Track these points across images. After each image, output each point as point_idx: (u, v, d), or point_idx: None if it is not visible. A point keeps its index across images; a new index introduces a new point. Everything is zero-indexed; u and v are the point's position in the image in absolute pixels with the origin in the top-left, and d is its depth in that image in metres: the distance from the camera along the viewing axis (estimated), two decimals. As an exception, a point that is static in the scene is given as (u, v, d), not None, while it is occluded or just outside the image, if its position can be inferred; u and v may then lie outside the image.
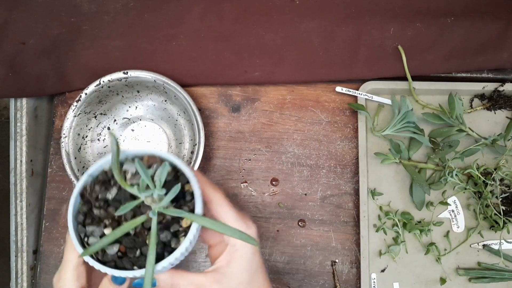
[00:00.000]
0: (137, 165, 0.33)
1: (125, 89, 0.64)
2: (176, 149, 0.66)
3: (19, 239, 0.64)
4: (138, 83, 0.63)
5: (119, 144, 0.34)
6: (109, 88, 0.62)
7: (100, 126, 0.66)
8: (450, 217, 0.63)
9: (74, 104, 0.60)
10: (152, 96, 0.66)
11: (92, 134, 0.65)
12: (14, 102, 0.66)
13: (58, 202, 0.65)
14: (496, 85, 0.64)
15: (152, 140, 0.67)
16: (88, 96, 0.61)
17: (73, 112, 0.60)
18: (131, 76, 0.61)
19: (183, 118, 0.66)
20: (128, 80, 0.62)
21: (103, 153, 0.65)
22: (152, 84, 0.63)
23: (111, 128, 0.66)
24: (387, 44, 0.65)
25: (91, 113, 0.64)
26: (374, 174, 0.64)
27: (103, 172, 0.37)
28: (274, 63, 0.65)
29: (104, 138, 0.65)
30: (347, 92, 0.66)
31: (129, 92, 0.65)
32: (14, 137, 0.65)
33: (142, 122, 0.67)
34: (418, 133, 0.62)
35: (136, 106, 0.67)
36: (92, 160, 0.64)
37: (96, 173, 0.37)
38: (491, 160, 0.64)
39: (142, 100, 0.67)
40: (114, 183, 0.36)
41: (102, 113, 0.65)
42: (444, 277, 0.61)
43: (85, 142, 0.63)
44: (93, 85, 0.61)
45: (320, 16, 0.66)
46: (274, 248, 0.63)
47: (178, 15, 0.67)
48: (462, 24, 0.64)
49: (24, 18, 0.66)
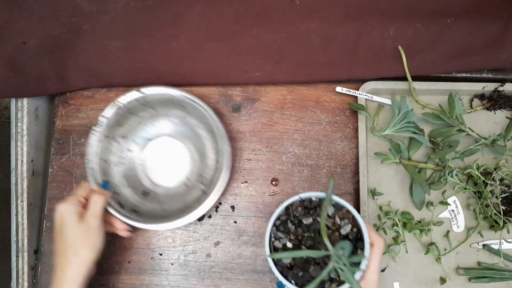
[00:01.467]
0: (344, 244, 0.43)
1: (141, 108, 0.63)
2: (200, 161, 0.65)
3: (20, 239, 0.64)
4: (154, 100, 0.62)
5: (332, 191, 0.44)
6: (127, 110, 0.61)
7: (120, 149, 0.64)
8: (450, 217, 0.63)
9: (96, 129, 0.59)
10: (168, 111, 0.65)
11: (114, 157, 0.63)
12: (15, 102, 0.66)
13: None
14: (496, 85, 0.64)
15: (174, 157, 0.66)
16: (110, 120, 0.60)
17: (96, 138, 0.59)
18: (146, 94, 0.60)
19: (203, 129, 0.64)
20: (145, 99, 0.61)
21: (129, 176, 0.64)
22: (168, 100, 0.62)
23: (131, 150, 0.65)
24: (387, 44, 0.65)
25: (111, 137, 0.62)
26: (374, 174, 0.64)
27: (310, 200, 0.49)
28: (274, 63, 0.66)
29: (128, 161, 0.64)
30: (347, 92, 0.66)
31: (145, 111, 0.64)
32: (15, 137, 0.65)
33: (162, 139, 0.66)
34: (418, 133, 0.62)
35: (153, 124, 0.66)
36: (119, 184, 0.63)
37: (304, 197, 0.48)
38: (491, 160, 0.64)
39: (159, 117, 0.65)
40: (313, 213, 0.47)
41: (122, 135, 0.64)
42: (444, 276, 0.61)
43: (109, 166, 0.62)
44: (112, 109, 0.59)
45: (320, 16, 0.66)
46: (274, 248, 0.63)
47: (178, 15, 0.67)
48: (462, 24, 0.64)
49: (25, 18, 0.66)
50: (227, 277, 0.63)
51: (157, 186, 0.65)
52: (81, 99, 0.68)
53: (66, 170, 0.66)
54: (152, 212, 0.62)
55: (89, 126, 0.67)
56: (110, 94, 0.68)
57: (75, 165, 0.66)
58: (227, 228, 0.64)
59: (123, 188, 0.63)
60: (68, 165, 0.66)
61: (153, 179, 0.66)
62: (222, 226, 0.64)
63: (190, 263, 0.63)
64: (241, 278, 0.63)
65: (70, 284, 0.50)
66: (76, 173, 0.66)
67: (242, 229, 0.64)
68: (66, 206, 0.53)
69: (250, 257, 0.63)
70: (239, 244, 0.64)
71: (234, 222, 0.64)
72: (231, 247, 0.64)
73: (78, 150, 0.67)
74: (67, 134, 0.67)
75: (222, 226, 0.64)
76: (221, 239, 0.64)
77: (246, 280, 0.63)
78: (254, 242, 0.64)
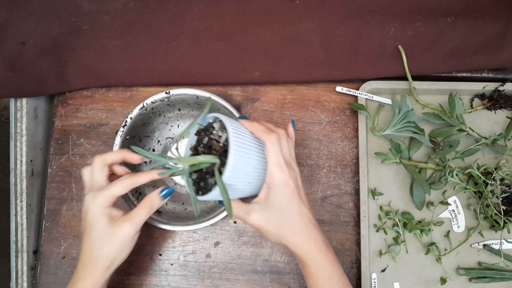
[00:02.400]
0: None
1: (167, 109, 0.63)
2: None
3: (19, 239, 0.64)
4: (179, 101, 0.62)
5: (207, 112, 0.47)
6: (152, 110, 0.61)
7: (145, 149, 0.64)
8: (450, 217, 0.63)
9: (120, 129, 0.59)
10: (193, 113, 0.65)
11: None
12: (14, 102, 0.66)
13: (58, 202, 0.65)
14: (496, 85, 0.64)
15: None
16: (133, 120, 0.60)
17: (120, 137, 0.59)
18: (173, 95, 0.60)
19: None
20: (170, 100, 0.61)
21: None
22: (194, 101, 0.62)
23: (155, 150, 0.65)
24: (387, 44, 0.65)
25: (136, 137, 0.63)
26: (375, 174, 0.64)
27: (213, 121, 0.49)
28: (274, 63, 0.65)
29: (150, 161, 0.64)
30: (347, 92, 0.66)
31: (170, 111, 0.64)
32: (14, 137, 0.65)
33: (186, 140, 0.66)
34: (418, 133, 0.62)
35: (178, 124, 0.66)
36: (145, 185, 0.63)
37: (202, 122, 0.49)
38: (491, 160, 0.64)
39: (184, 118, 0.66)
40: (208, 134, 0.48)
41: (146, 135, 0.65)
42: (444, 277, 0.61)
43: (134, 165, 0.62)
44: (137, 108, 0.60)
45: (320, 15, 0.66)
46: (274, 248, 0.63)
47: (178, 15, 0.67)
48: (462, 23, 0.64)
49: (24, 18, 0.66)
50: (227, 278, 0.63)
51: (180, 186, 0.65)
52: (81, 99, 0.68)
53: (66, 170, 0.66)
54: (176, 213, 0.63)
55: (89, 126, 0.67)
56: (110, 94, 0.68)
57: (75, 165, 0.66)
58: (226, 229, 0.64)
59: (146, 189, 0.63)
60: (68, 165, 0.66)
61: (177, 179, 0.66)
62: (221, 226, 0.64)
63: (189, 264, 0.63)
64: (241, 278, 0.63)
65: None
66: (76, 173, 0.66)
67: (242, 230, 0.64)
68: (99, 203, 0.48)
69: (250, 257, 0.63)
70: (239, 245, 0.64)
71: (234, 222, 0.64)
72: (231, 247, 0.63)
73: (78, 150, 0.66)
74: (67, 134, 0.67)
75: (221, 227, 0.64)
76: (221, 240, 0.64)
77: (246, 280, 0.63)
78: (254, 243, 0.63)
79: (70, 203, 0.65)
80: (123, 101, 0.68)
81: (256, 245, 0.63)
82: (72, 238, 0.64)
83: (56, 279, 0.63)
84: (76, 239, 0.64)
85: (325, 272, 0.48)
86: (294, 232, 0.47)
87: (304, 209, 0.48)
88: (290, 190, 0.47)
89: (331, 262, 0.48)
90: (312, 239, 0.48)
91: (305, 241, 0.47)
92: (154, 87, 0.67)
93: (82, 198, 0.50)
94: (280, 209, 0.47)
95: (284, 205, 0.47)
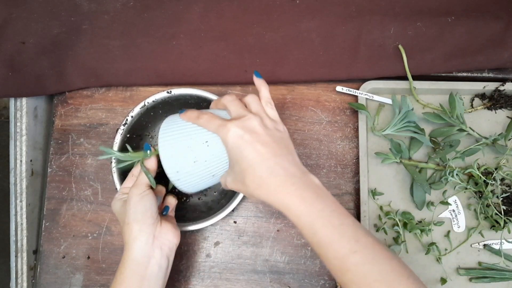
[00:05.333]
0: None
1: (168, 108, 0.63)
2: None
3: (19, 239, 0.64)
4: (181, 101, 0.62)
5: None
6: (153, 109, 0.61)
7: None
8: (450, 216, 0.63)
9: (121, 128, 0.59)
10: None
11: None
12: (14, 101, 0.66)
13: (58, 202, 0.65)
14: (496, 85, 0.64)
15: None
16: (134, 119, 0.60)
17: (120, 136, 0.59)
18: (174, 94, 0.60)
19: None
20: (172, 99, 0.61)
21: None
22: (195, 101, 0.62)
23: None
24: (387, 44, 0.65)
25: (137, 135, 0.63)
26: (375, 174, 0.64)
27: None
28: (274, 63, 0.65)
29: None
30: (348, 91, 0.66)
31: (171, 111, 0.63)
32: (14, 137, 0.65)
33: None
34: (418, 132, 0.62)
35: None
36: None
37: None
38: (491, 159, 0.64)
39: None
40: None
41: (147, 134, 0.64)
42: (444, 277, 0.61)
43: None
44: (138, 107, 0.60)
45: (321, 15, 0.66)
46: (274, 248, 0.63)
47: (178, 15, 0.67)
48: (463, 23, 0.64)
49: (24, 17, 0.66)
50: (227, 278, 0.63)
51: None
52: (80, 98, 0.68)
53: (65, 170, 0.66)
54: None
55: (89, 125, 0.67)
56: (109, 93, 0.68)
57: (74, 165, 0.66)
58: (226, 228, 0.64)
59: None
60: (67, 165, 0.66)
61: None
62: (221, 226, 0.64)
63: (191, 263, 0.63)
64: (241, 278, 0.63)
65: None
66: (75, 173, 0.66)
67: (242, 229, 0.64)
68: (144, 229, 0.49)
69: (250, 257, 0.63)
70: (239, 244, 0.63)
71: (234, 222, 0.64)
72: (231, 247, 0.63)
73: (77, 150, 0.66)
74: (66, 134, 0.67)
75: (221, 226, 0.64)
76: (221, 239, 0.64)
77: (246, 280, 0.62)
78: (254, 242, 0.63)
79: (70, 203, 0.65)
80: (123, 101, 0.68)
81: (256, 245, 0.63)
82: (72, 238, 0.64)
83: (56, 279, 0.63)
84: (76, 239, 0.64)
85: (305, 221, 0.41)
86: (258, 183, 0.42)
87: (266, 154, 0.42)
88: (242, 140, 0.43)
89: (310, 206, 0.40)
90: (279, 184, 0.41)
91: (272, 189, 0.42)
92: (154, 87, 0.67)
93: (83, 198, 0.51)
94: (238, 163, 0.43)
95: (238, 156, 0.43)
